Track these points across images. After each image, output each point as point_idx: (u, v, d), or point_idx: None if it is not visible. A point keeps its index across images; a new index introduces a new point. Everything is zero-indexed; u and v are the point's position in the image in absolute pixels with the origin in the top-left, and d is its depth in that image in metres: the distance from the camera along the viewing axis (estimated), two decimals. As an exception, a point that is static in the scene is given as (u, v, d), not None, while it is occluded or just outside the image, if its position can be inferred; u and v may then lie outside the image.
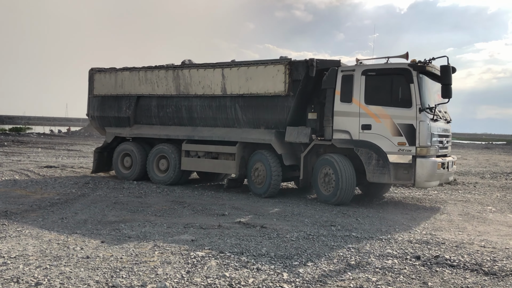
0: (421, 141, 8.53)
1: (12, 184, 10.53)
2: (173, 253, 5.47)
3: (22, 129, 45.50)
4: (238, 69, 10.47)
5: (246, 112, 10.49)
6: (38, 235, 6.13)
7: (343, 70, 9.41)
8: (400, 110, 8.73)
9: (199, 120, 11.30)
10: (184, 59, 11.82)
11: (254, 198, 9.90)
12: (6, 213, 7.40)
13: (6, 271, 4.62)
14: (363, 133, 9.00)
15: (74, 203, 8.56)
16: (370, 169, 8.84)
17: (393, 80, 8.90)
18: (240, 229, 6.87)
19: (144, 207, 8.44)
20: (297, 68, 9.69)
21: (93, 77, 12.98)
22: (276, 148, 9.91)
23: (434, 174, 8.67)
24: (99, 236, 6.19)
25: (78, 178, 11.94)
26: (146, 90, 11.97)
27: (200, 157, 11.11)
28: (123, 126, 12.48)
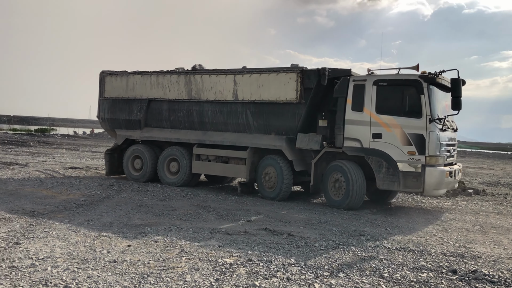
0: (430, 150, 8.75)
1: (38, 185, 10.61)
2: (200, 259, 5.35)
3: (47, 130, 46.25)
4: (250, 76, 10.68)
5: (257, 118, 10.67)
6: (65, 236, 6.10)
7: (354, 80, 9.60)
8: (410, 120, 8.93)
9: (210, 124, 11.44)
10: (195, 64, 11.90)
11: (279, 205, 9.74)
12: (33, 213, 7.42)
13: (34, 272, 4.57)
14: (373, 142, 9.20)
15: (99, 205, 8.55)
16: (380, 176, 9.05)
17: (404, 90, 9.11)
18: (267, 236, 6.73)
19: (169, 211, 8.37)
20: (309, 77, 9.88)
21: (104, 79, 13.09)
22: (287, 154, 10.09)
23: (443, 182, 8.89)
24: (125, 240, 6.12)
25: (102, 180, 11.98)
26: (158, 94, 12.10)
27: (210, 161, 11.28)
28: (134, 128, 12.61)
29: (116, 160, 12.94)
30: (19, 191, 9.57)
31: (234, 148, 10.93)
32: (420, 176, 8.74)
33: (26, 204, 8.20)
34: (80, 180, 11.65)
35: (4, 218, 6.96)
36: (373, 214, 9.21)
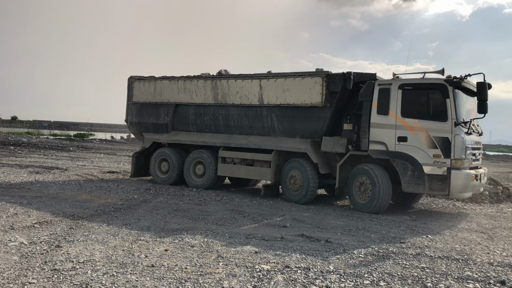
0: (456, 153, 8.78)
1: (78, 188, 10.85)
2: (237, 265, 5.30)
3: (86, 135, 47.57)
4: (276, 80, 10.85)
5: (282, 121, 10.83)
6: (104, 240, 6.18)
7: (380, 84, 9.69)
8: (435, 123, 8.97)
9: (235, 128, 11.66)
10: (221, 69, 12.16)
11: (315, 210, 9.61)
12: (73, 217, 7.57)
13: (75, 276, 4.63)
14: (399, 145, 9.26)
15: (136, 209, 8.65)
16: (405, 179, 9.08)
17: (429, 94, 9.16)
18: (304, 243, 6.62)
19: (204, 215, 8.38)
20: (334, 81, 9.99)
21: (132, 85, 13.46)
22: (312, 157, 10.18)
23: (468, 185, 8.92)
24: (163, 244, 6.14)
25: (139, 184, 12.15)
26: (185, 99, 12.37)
27: (235, 164, 11.49)
28: (161, 132, 12.88)
29: (142, 162, 13.32)
30: (59, 195, 9.81)
31: (259, 151, 11.10)
32: (446, 179, 8.77)
33: (66, 207, 8.39)
34: (117, 184, 11.85)
35: (46, 221, 7.13)
36: (413, 220, 8.95)
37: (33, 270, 4.76)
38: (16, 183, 11.06)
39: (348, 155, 9.84)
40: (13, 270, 4.73)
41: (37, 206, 8.29)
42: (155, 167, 12.74)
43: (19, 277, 4.53)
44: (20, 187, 10.51)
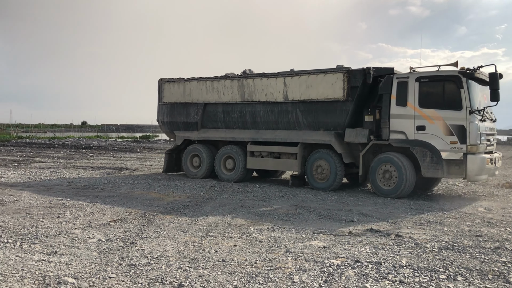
0: (471, 139, 9.39)
1: (147, 188, 11.28)
2: (306, 260, 5.28)
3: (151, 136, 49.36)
4: (299, 77, 11.55)
5: (306, 116, 11.54)
6: (175, 236, 6.37)
7: (398, 77, 10.33)
8: (451, 112, 9.59)
9: (262, 123, 12.39)
10: (245, 69, 12.88)
11: (382, 204, 9.36)
12: (144, 215, 7.87)
13: (150, 271, 4.81)
14: (417, 134, 9.92)
15: (203, 206, 8.84)
16: (425, 165, 9.71)
17: (444, 85, 9.78)
18: (373, 237, 6.47)
19: (269, 211, 8.42)
20: (355, 76, 10.66)
21: (162, 86, 14.24)
22: (336, 148, 10.89)
23: (484, 168, 9.46)
24: (231, 239, 6.24)
25: (205, 182, 12.42)
26: (213, 98, 13.13)
27: (263, 157, 12.25)
28: (191, 130, 13.71)
29: (174, 159, 14.29)
30: (130, 194, 10.25)
31: (285, 144, 11.83)
32: (463, 164, 9.38)
33: (138, 206, 8.74)
34: (184, 183, 12.19)
35: (120, 219, 7.48)
36: (488, 212, 8.49)
37: (111, 265, 5.01)
38: (90, 184, 11.68)
39: (370, 144, 10.49)
40: (94, 265, 4.99)
41: (111, 205, 8.71)
42: (187, 162, 13.61)
43: (100, 271, 4.77)
44: (94, 188, 11.09)
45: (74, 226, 6.89)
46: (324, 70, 11.18)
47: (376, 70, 10.56)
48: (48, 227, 6.73)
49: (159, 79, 14.44)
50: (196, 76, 13.60)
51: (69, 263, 5.03)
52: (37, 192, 10.18)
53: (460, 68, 9.81)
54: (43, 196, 9.56)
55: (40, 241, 5.95)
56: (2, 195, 9.61)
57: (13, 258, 5.19)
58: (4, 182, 11.82)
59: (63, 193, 10.13)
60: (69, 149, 26.41)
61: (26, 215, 7.59)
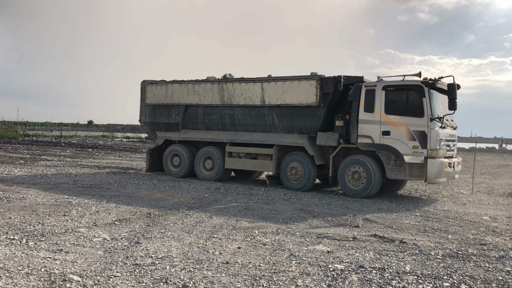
0: (431, 145, 10.12)
1: (152, 188, 11.33)
2: (310, 264, 5.29)
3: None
4: (276, 83, 12.18)
5: (282, 119, 12.18)
6: (180, 237, 6.40)
7: (366, 86, 11.02)
8: (414, 119, 10.32)
9: (240, 126, 12.98)
10: (225, 73, 13.41)
11: (387, 210, 9.36)
12: (149, 215, 7.91)
13: (155, 271, 4.84)
14: (383, 138, 10.62)
15: (208, 208, 8.87)
16: (389, 168, 10.45)
17: (408, 94, 10.53)
18: (377, 243, 6.47)
19: (274, 214, 8.44)
20: (327, 83, 11.32)
21: (145, 88, 14.73)
22: (309, 150, 11.59)
23: (442, 172, 10.21)
24: (235, 242, 6.26)
25: (210, 184, 12.45)
26: (194, 100, 13.65)
27: (241, 158, 12.85)
28: (173, 130, 14.22)
29: (156, 158, 14.79)
30: (135, 194, 10.30)
31: (261, 146, 12.45)
32: (423, 167, 10.10)
33: (142, 206, 8.79)
34: (189, 184, 12.23)
35: (125, 218, 7.52)
36: (493, 221, 8.47)
37: (116, 264, 5.04)
38: (96, 183, 11.74)
39: (339, 147, 11.23)
40: (99, 264, 5.03)
41: (116, 205, 8.76)
42: (168, 161, 14.18)
43: (105, 270, 4.81)
44: (100, 187, 11.14)
45: (80, 224, 6.94)
46: (298, 77, 11.86)
47: (346, 78, 11.31)
48: (54, 225, 6.78)
49: (142, 80, 14.92)
50: (178, 79, 14.19)
51: (75, 261, 5.07)
52: (44, 190, 10.25)
53: (423, 78, 10.53)
54: (49, 194, 9.63)
55: (46, 239, 5.99)
56: (9, 192, 9.69)
57: (19, 254, 5.23)
58: (11, 179, 11.91)
59: (69, 191, 10.20)
60: (75, 148, 26.55)
61: (32, 213, 7.65)
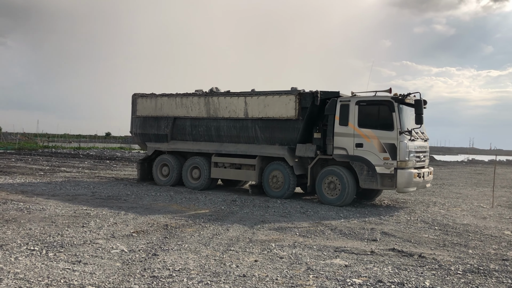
0: (400, 156, 10.72)
1: (169, 200, 11.39)
2: (328, 278, 5.25)
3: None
4: (258, 97, 12.82)
5: (264, 131, 12.84)
6: (196, 249, 6.41)
7: (341, 101, 11.68)
8: (384, 132, 10.92)
9: (225, 137, 13.63)
10: (212, 87, 14.12)
11: (405, 224, 9.23)
12: (166, 227, 7.95)
13: (172, 283, 4.85)
14: (356, 150, 11.23)
15: (224, 220, 8.88)
16: (362, 178, 11.07)
17: (379, 109, 11.15)
18: (395, 257, 6.39)
19: (290, 227, 8.40)
20: (305, 98, 11.99)
21: (136, 101, 15.40)
22: (288, 160, 12.25)
23: (411, 182, 10.80)
24: (252, 255, 6.25)
25: (226, 196, 12.48)
26: (182, 113, 14.31)
27: (226, 168, 13.47)
28: (162, 141, 14.86)
29: (146, 168, 15.38)
30: (153, 205, 10.36)
31: (245, 156, 13.10)
32: (393, 177, 10.71)
33: (159, 218, 8.83)
34: (205, 196, 12.27)
35: (142, 230, 7.57)
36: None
37: (134, 276, 5.07)
38: (113, 195, 11.86)
39: (317, 158, 11.84)
40: (117, 275, 5.07)
41: (134, 216, 8.82)
42: (157, 171, 14.77)
43: (123, 282, 4.84)
44: (117, 198, 11.25)
45: (98, 236, 7.01)
46: (279, 92, 12.54)
47: (323, 93, 11.97)
48: (72, 236, 6.86)
49: (133, 94, 15.53)
50: (167, 92, 14.85)
51: (93, 273, 5.11)
52: (62, 201, 10.39)
53: (393, 94, 11.18)
54: (68, 206, 9.75)
55: (65, 250, 6.06)
56: (29, 203, 9.84)
57: (39, 265, 5.30)
58: (31, 190, 12.10)
59: (87, 203, 10.31)
60: (93, 160, 26.87)
61: (52, 224, 7.75)
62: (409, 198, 13.54)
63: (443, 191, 16.03)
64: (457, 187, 17.87)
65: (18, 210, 8.98)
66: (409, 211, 11.00)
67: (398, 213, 10.59)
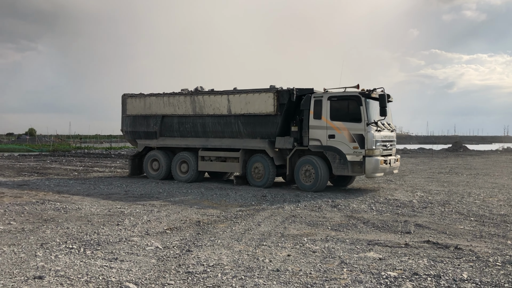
0: (368, 145, 11.91)
1: (200, 196, 11.52)
2: (362, 271, 5.20)
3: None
4: (240, 95, 13.83)
5: (246, 127, 13.84)
6: (229, 245, 6.47)
7: (315, 96, 12.84)
8: (353, 124, 12.11)
9: (210, 133, 14.63)
10: (197, 86, 15.17)
11: (439, 215, 9.06)
12: (198, 223, 8.04)
13: (207, 278, 4.91)
14: (329, 141, 12.44)
15: (255, 215, 8.92)
16: (335, 165, 12.33)
17: (348, 103, 12.33)
18: (430, 249, 6.28)
19: (322, 221, 8.36)
20: (282, 95, 13.08)
21: (125, 101, 16.34)
22: (269, 152, 13.38)
23: (378, 168, 12.00)
24: (284, 249, 6.26)
25: (256, 191, 12.52)
26: (169, 111, 15.27)
27: (212, 161, 14.56)
28: (151, 138, 15.81)
29: (137, 164, 16.40)
30: (184, 202, 10.50)
31: (229, 150, 14.16)
32: (362, 164, 11.96)
33: (192, 214, 8.94)
34: (235, 192, 12.34)
35: (175, 227, 7.68)
36: (556, 226, 8.01)
37: (169, 272, 5.16)
38: (146, 193, 12.07)
39: (294, 150, 13.02)
40: (152, 272, 5.16)
41: (166, 213, 8.96)
42: (148, 166, 15.80)
43: (159, 278, 4.93)
44: (150, 196, 11.45)
45: (133, 233, 7.15)
46: (258, 90, 13.50)
47: (299, 90, 13.12)
48: (108, 234, 7.03)
49: (123, 94, 16.46)
50: (155, 92, 15.79)
51: (130, 269, 5.23)
52: (97, 200, 10.65)
53: (360, 90, 12.20)
54: (103, 205, 9.99)
55: (101, 248, 6.22)
56: (65, 203, 10.12)
57: (78, 263, 5.46)
58: (66, 190, 12.45)
59: (121, 201, 10.54)
60: (124, 159, 27.39)
61: (88, 223, 7.96)
62: (443, 189, 13.28)
63: (477, 181, 15.64)
64: (492, 176, 17.40)
65: (56, 210, 9.26)
66: (443, 202, 10.78)
67: (431, 204, 10.40)
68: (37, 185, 13.68)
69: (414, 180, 16.13)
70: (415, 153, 39.34)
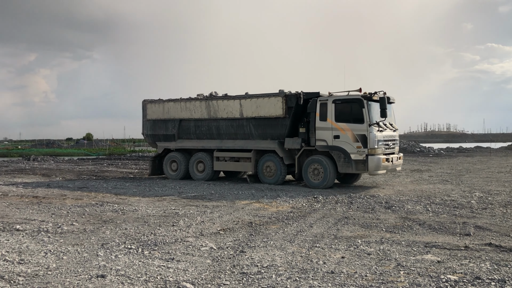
0: (370, 145, 12.75)
1: (251, 197, 11.60)
2: (420, 274, 5.06)
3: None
4: (251, 99, 14.91)
5: (257, 129, 14.95)
6: (282, 246, 6.48)
7: (320, 100, 13.76)
8: (357, 125, 12.98)
9: (224, 135, 15.76)
10: (212, 91, 16.23)
11: (501, 217, 8.65)
12: (251, 224, 8.11)
13: (262, 279, 4.95)
14: (334, 141, 13.34)
15: (307, 217, 8.88)
16: (340, 164, 13.21)
17: (352, 106, 13.20)
18: (493, 252, 6.01)
19: (376, 223, 8.20)
20: (290, 99, 14.09)
21: (145, 106, 17.51)
22: (279, 152, 14.39)
23: (380, 166, 12.79)
24: (338, 251, 6.19)
25: (306, 193, 12.46)
26: (186, 115, 16.43)
27: (226, 161, 15.62)
28: (170, 140, 16.98)
29: (157, 164, 17.42)
30: (236, 204, 10.61)
31: (242, 150, 15.23)
32: (365, 162, 12.79)
33: (244, 216, 9.03)
34: (286, 193, 12.34)
35: (228, 228, 7.79)
36: None
37: (224, 272, 5.24)
38: (198, 194, 12.31)
39: (302, 149, 13.99)
40: (208, 272, 5.26)
41: (219, 215, 9.10)
42: (167, 167, 17.01)
43: (214, 278, 5.02)
44: (202, 198, 11.67)
45: (188, 234, 7.32)
46: (268, 94, 14.50)
47: (305, 94, 14.05)
48: (164, 235, 7.23)
49: (143, 100, 17.63)
50: (172, 98, 16.81)
51: (186, 269, 5.35)
52: (152, 202, 10.98)
53: (363, 93, 13.01)
54: (158, 206, 10.28)
55: (158, 248, 6.40)
56: (123, 205, 10.51)
57: (137, 263, 5.65)
58: (123, 192, 12.91)
59: (175, 203, 10.80)
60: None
61: (145, 224, 8.22)
62: (504, 189, 12.68)
63: (542, 180, 14.79)
64: (559, 175, 16.39)
65: (114, 211, 9.63)
66: (505, 203, 10.29)
67: (492, 205, 9.95)
68: (96, 187, 14.28)
69: (472, 180, 15.49)
70: (471, 152, 37.74)
